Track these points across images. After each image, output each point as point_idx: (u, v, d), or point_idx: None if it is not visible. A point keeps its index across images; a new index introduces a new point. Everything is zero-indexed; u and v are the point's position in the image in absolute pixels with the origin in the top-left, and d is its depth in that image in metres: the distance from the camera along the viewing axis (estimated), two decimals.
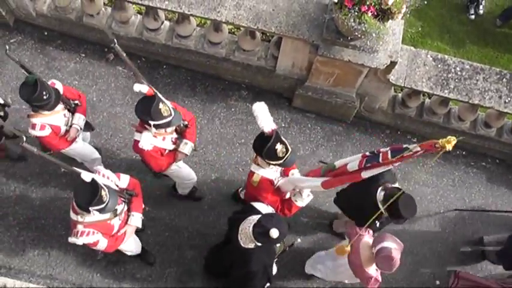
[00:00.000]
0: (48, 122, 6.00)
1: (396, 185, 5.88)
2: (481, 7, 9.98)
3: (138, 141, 5.70)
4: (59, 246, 7.15)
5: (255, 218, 5.29)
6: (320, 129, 7.99)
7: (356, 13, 5.84)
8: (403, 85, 7.07)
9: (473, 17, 10.00)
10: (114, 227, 5.65)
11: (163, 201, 7.42)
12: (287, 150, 5.34)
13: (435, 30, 9.68)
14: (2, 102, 6.44)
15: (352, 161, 5.25)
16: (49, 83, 5.91)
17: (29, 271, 7.05)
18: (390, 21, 6.02)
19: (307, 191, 5.89)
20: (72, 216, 5.44)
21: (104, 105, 7.79)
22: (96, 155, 7.03)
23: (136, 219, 5.85)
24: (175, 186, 7.19)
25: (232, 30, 7.97)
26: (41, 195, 7.35)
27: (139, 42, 7.88)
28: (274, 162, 5.44)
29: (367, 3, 5.80)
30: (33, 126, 5.95)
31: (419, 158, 7.94)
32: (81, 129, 6.35)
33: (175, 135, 6.01)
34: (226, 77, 8.06)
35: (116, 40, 5.37)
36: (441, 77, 7.00)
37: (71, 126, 6.26)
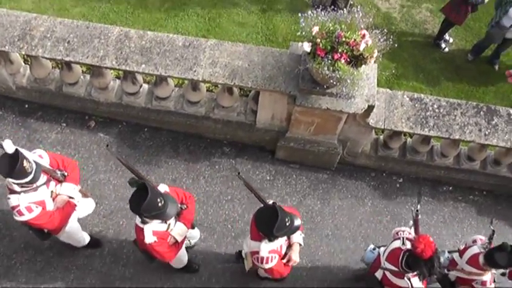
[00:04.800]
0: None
1: None
2: (447, 36, 10.25)
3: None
4: None
5: None
6: (305, 178, 7.99)
7: (329, 61, 5.91)
8: (383, 127, 7.12)
9: (447, 49, 10.24)
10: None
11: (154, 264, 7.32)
12: None
13: (409, 71, 9.85)
14: None
15: None
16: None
17: None
18: (364, 66, 6.10)
19: None
20: None
21: (87, 173, 7.73)
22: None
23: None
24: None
25: (210, 88, 8.04)
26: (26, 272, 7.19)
27: (119, 107, 7.93)
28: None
29: (339, 50, 5.89)
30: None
31: (407, 197, 8.00)
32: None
33: None
34: (207, 135, 8.10)
35: None
36: (420, 116, 7.07)
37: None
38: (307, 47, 6.02)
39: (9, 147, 5.28)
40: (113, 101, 7.89)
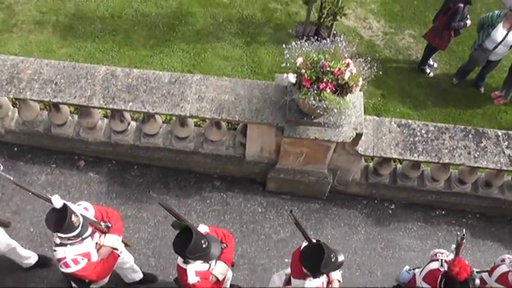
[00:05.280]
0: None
1: None
2: (431, 61, 10.36)
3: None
4: None
5: None
6: (297, 209, 7.95)
7: (315, 91, 5.95)
8: (372, 155, 7.15)
9: (431, 74, 10.35)
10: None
11: None
12: None
13: (395, 97, 9.92)
14: None
15: None
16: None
17: None
18: (349, 94, 6.15)
19: None
20: None
21: None
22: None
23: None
24: None
25: (198, 123, 8.04)
26: None
27: (108, 146, 7.92)
28: None
29: (324, 80, 5.93)
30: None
31: (400, 223, 7.98)
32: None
33: None
34: (197, 169, 8.09)
35: None
36: (408, 142, 7.10)
37: None
38: (292, 78, 6.06)
39: (58, 202, 5.29)
40: (101, 140, 7.89)
